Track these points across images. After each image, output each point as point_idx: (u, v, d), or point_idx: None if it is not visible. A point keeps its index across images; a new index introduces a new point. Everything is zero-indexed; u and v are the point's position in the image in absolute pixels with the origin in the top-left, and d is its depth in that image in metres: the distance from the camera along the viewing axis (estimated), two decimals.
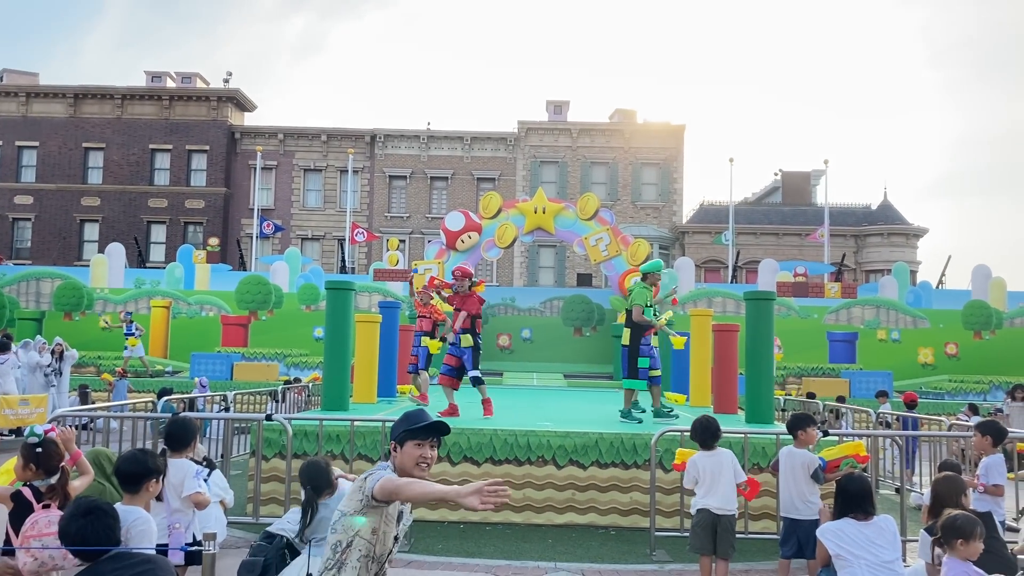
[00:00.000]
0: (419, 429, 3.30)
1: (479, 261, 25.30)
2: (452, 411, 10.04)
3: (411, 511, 3.52)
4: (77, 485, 4.77)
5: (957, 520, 4.23)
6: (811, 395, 17.88)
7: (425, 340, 12.15)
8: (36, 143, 42.25)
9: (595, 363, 24.67)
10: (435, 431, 3.34)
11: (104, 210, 41.90)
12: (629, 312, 9.98)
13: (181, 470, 5.50)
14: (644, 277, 10.06)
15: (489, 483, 2.90)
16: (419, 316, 12.36)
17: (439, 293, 10.83)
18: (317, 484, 4.81)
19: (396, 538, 3.37)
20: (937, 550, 4.35)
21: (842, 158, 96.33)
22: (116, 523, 3.29)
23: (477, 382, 10.43)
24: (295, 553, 4.74)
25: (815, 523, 5.47)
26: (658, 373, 10.24)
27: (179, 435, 5.57)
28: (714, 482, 6.14)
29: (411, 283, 12.26)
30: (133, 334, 22.02)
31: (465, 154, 42.33)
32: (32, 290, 27.21)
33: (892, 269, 31.74)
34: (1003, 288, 27.38)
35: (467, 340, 10.30)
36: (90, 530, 3.20)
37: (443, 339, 11.82)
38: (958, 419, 12.91)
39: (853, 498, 4.57)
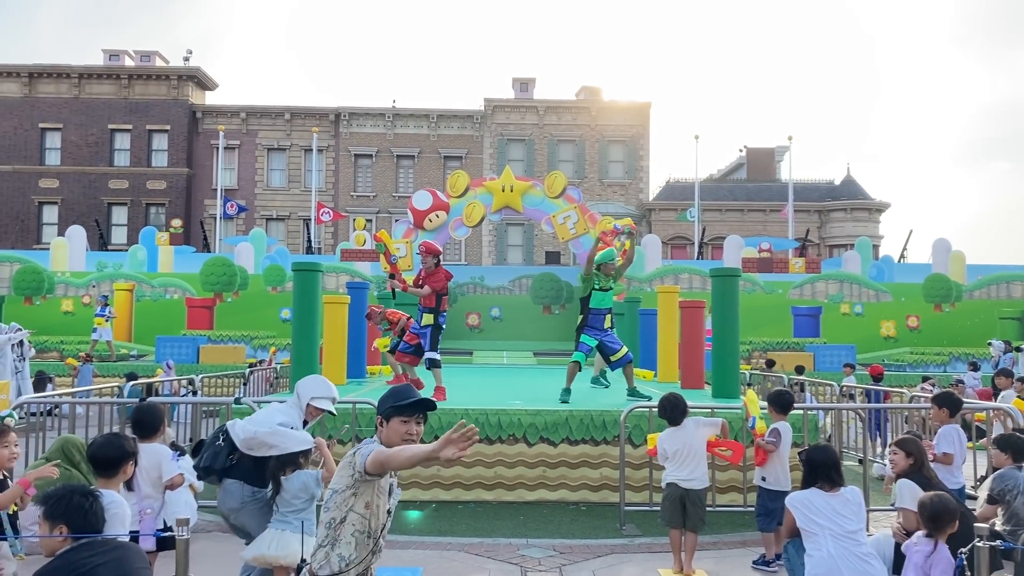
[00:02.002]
0: (406, 405, 3.30)
1: (447, 240, 25.22)
2: (416, 383, 9.96)
3: (398, 485, 3.51)
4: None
5: (928, 503, 4.33)
6: (771, 363, 18.16)
7: (378, 341, 12.34)
8: None
9: (564, 341, 24.72)
10: (422, 407, 3.34)
11: (63, 192, 41.07)
12: (583, 299, 10.27)
13: (156, 455, 5.51)
14: (599, 268, 10.18)
15: (452, 432, 2.92)
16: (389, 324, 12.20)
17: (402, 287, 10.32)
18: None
19: (389, 512, 3.36)
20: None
21: (806, 135, 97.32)
22: (103, 512, 3.30)
23: (433, 364, 9.83)
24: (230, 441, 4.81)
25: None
26: (620, 355, 10.09)
27: (148, 421, 5.54)
28: (681, 456, 6.26)
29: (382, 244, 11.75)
30: (104, 316, 21.61)
31: (431, 132, 42.06)
32: None
33: (855, 244, 32.25)
34: (963, 261, 27.96)
35: (427, 318, 9.88)
36: (81, 511, 3.18)
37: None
38: (923, 388, 13.20)
39: (820, 468, 4.63)
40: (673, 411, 6.39)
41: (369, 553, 3.27)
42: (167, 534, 5.30)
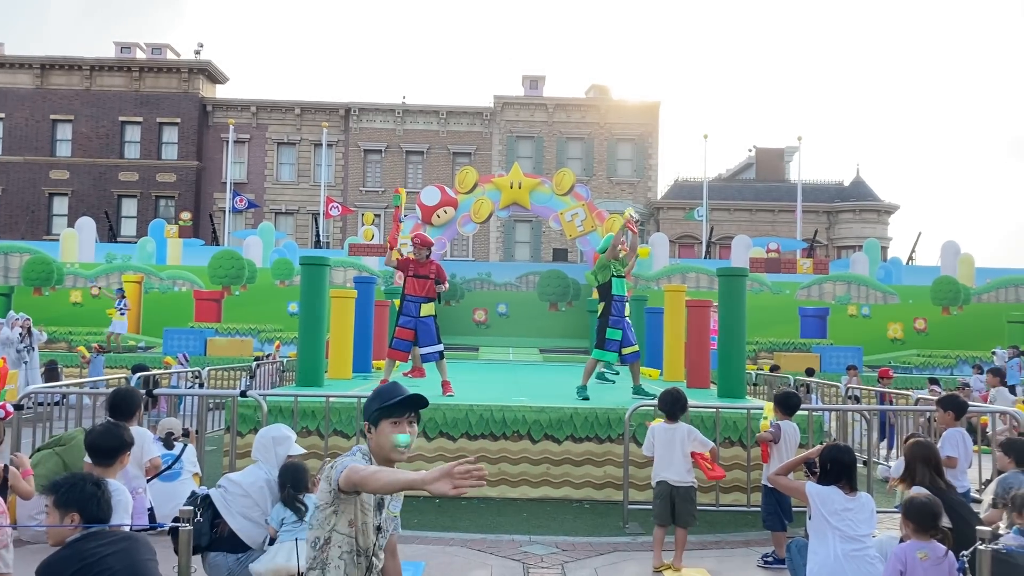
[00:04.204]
0: (394, 405, 2.99)
1: (455, 236, 25.23)
2: (418, 372, 9.72)
3: (399, 498, 3.26)
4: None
5: (913, 502, 4.30)
6: (775, 368, 18.08)
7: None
8: (2, 115, 41.42)
9: (571, 338, 24.78)
10: (411, 406, 3.03)
11: (73, 183, 41.24)
12: (601, 286, 9.92)
13: (140, 437, 5.69)
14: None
15: (459, 464, 2.60)
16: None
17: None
18: (296, 484, 4.89)
19: (379, 528, 3.09)
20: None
21: (815, 135, 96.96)
22: (111, 501, 3.31)
23: (440, 357, 9.68)
24: (211, 510, 4.80)
25: None
26: (634, 349, 9.99)
27: (124, 406, 5.83)
28: (669, 455, 6.29)
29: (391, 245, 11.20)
30: (119, 309, 21.78)
31: (441, 128, 42.07)
32: (0, 265, 26.80)
33: (863, 245, 32.14)
34: (971, 264, 27.83)
35: (429, 309, 9.60)
36: (94, 499, 3.19)
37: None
38: (932, 389, 13.17)
39: (846, 469, 4.60)
40: (673, 405, 6.42)
41: (365, 572, 3.03)
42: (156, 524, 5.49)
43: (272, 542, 4.76)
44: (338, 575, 2.96)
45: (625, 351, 9.89)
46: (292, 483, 4.87)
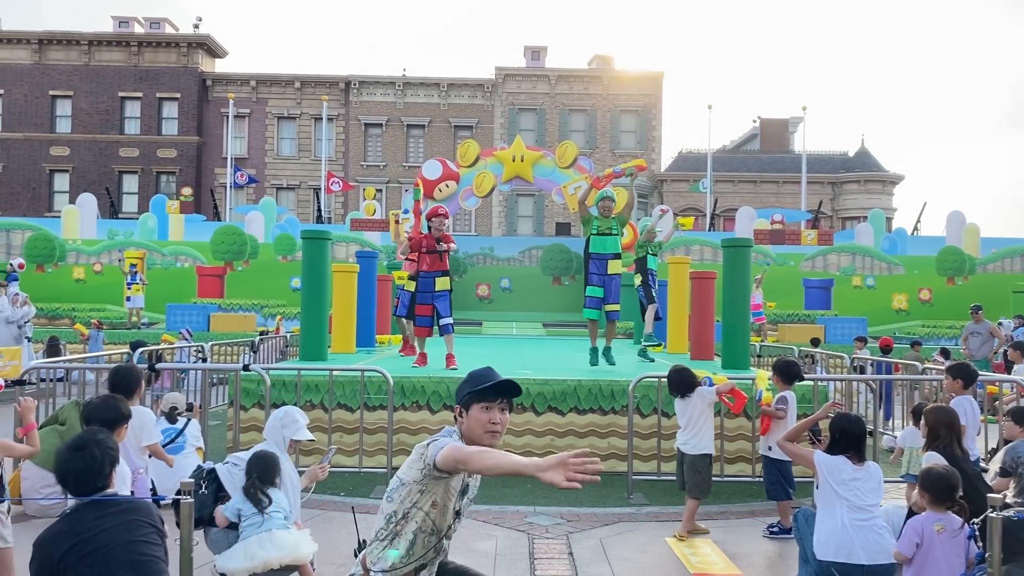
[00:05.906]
0: (486, 390, 2.98)
1: (457, 210, 25.09)
2: (423, 360, 9.54)
3: (478, 483, 3.21)
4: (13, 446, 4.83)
5: (930, 473, 4.27)
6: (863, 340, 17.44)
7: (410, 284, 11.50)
8: (0, 91, 41.17)
9: (574, 312, 24.70)
10: (505, 391, 3.02)
11: (74, 160, 41.10)
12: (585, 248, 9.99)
13: (140, 417, 5.61)
14: (600, 209, 9.76)
15: (574, 455, 2.47)
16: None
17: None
18: (263, 476, 4.70)
19: (458, 513, 3.08)
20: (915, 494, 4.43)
21: (821, 105, 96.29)
22: (107, 462, 3.14)
23: (450, 330, 9.62)
24: (216, 484, 4.71)
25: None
26: (615, 308, 9.68)
27: (124, 383, 5.73)
28: (684, 425, 6.50)
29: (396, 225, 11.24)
30: (136, 283, 21.82)
31: (442, 101, 41.77)
32: (2, 242, 26.79)
33: (868, 216, 31.94)
34: (977, 234, 27.67)
35: (443, 283, 9.51)
36: (82, 465, 3.05)
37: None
38: (934, 361, 13.11)
39: (855, 439, 4.60)
40: (681, 386, 6.47)
41: (432, 551, 3.00)
42: (155, 498, 5.44)
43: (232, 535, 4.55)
44: (408, 547, 2.96)
45: (607, 308, 9.70)
46: (259, 474, 4.61)
